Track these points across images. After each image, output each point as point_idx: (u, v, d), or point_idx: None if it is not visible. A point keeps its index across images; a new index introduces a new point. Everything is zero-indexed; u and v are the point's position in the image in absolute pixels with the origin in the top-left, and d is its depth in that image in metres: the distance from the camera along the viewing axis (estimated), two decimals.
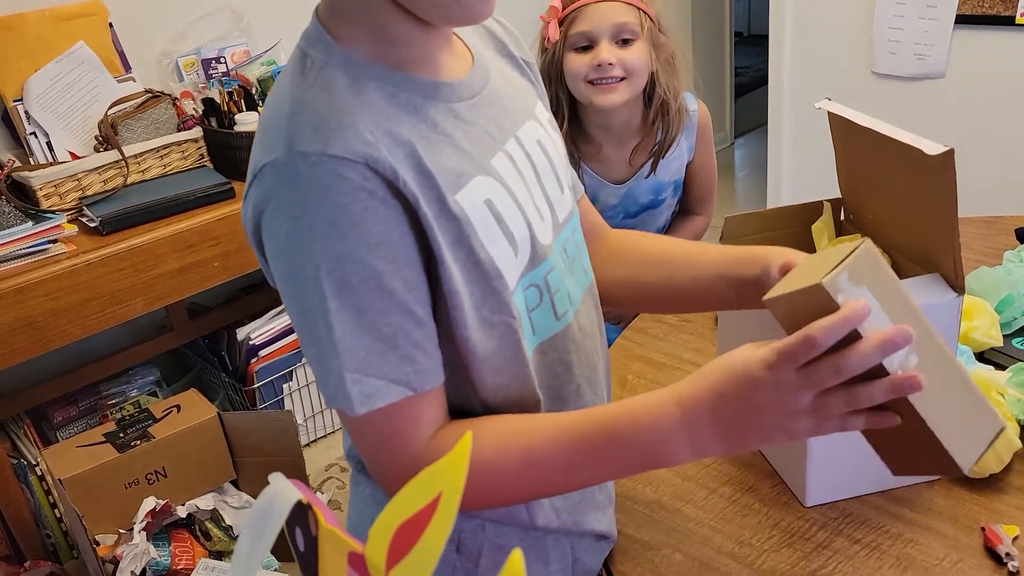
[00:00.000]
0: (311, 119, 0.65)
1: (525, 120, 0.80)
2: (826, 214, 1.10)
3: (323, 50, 0.69)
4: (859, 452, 0.94)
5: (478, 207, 0.71)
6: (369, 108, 0.67)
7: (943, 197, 0.85)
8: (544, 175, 0.80)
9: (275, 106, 0.69)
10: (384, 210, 0.65)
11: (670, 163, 1.52)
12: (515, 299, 0.74)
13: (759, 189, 3.66)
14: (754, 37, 6.45)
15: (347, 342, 0.65)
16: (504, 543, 0.83)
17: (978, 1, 2.50)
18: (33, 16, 1.90)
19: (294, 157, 0.64)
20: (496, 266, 0.71)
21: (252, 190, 0.68)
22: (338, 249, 0.64)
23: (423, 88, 0.71)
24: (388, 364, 0.66)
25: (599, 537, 0.91)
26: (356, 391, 0.65)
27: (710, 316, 1.38)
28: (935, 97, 2.68)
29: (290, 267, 0.66)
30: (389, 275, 0.65)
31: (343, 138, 0.64)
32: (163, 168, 1.97)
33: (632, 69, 1.39)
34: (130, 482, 1.75)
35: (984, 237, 1.52)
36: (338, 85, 0.67)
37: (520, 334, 0.74)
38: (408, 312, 0.67)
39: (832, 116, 1.03)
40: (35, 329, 1.64)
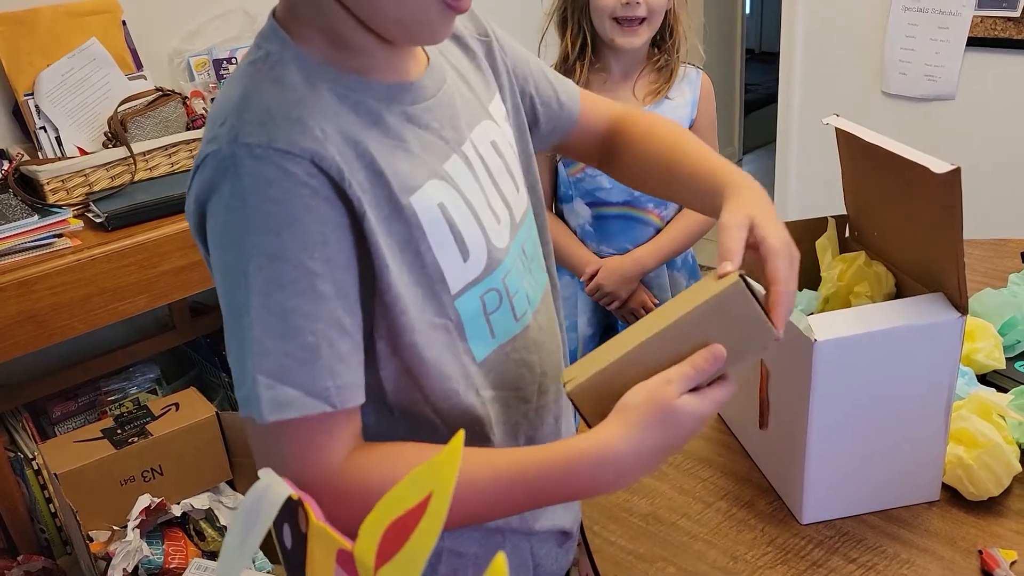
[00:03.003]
0: (259, 112, 0.63)
1: (480, 120, 0.79)
2: (830, 230, 1.10)
3: (278, 44, 0.68)
4: (857, 470, 0.94)
5: (431, 211, 0.70)
6: (320, 105, 0.65)
7: (948, 216, 0.85)
8: (499, 176, 0.79)
9: (225, 96, 0.67)
10: (325, 209, 0.63)
11: (675, 108, 1.59)
12: (461, 304, 0.73)
13: None
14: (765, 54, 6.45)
15: (266, 344, 0.62)
16: (463, 549, 0.81)
17: (990, 24, 2.50)
18: (47, 11, 1.91)
19: (238, 148, 0.62)
20: (440, 269, 0.71)
21: (195, 179, 0.66)
22: (272, 246, 0.62)
23: (377, 91, 0.70)
24: (307, 374, 0.62)
25: (561, 538, 0.91)
26: (268, 396, 0.61)
27: None
28: (945, 118, 2.68)
29: (223, 259, 0.64)
30: (322, 278, 0.63)
31: (290, 133, 0.63)
32: (171, 166, 1.98)
33: (654, 8, 1.50)
34: (126, 479, 1.75)
35: (990, 259, 1.52)
36: (291, 80, 0.66)
37: (458, 338, 0.73)
38: (335, 321, 0.64)
39: (839, 132, 1.03)
40: (38, 322, 1.64)
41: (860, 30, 2.77)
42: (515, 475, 0.67)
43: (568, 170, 1.60)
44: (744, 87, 4.71)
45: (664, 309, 0.75)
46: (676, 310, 0.72)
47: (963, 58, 2.57)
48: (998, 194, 2.59)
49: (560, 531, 0.90)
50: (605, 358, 0.72)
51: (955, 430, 0.95)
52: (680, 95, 1.60)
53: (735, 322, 0.71)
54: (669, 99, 1.59)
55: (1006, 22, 2.47)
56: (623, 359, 0.71)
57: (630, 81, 1.60)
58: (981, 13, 2.50)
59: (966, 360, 1.12)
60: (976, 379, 1.10)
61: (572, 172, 1.60)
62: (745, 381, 1.04)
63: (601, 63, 1.60)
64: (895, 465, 0.94)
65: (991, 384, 1.12)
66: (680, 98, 1.60)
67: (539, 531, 0.87)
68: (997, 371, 1.13)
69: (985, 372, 1.13)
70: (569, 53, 1.58)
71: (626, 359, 0.71)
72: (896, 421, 0.92)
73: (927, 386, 0.91)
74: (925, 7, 2.59)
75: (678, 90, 1.60)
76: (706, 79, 1.64)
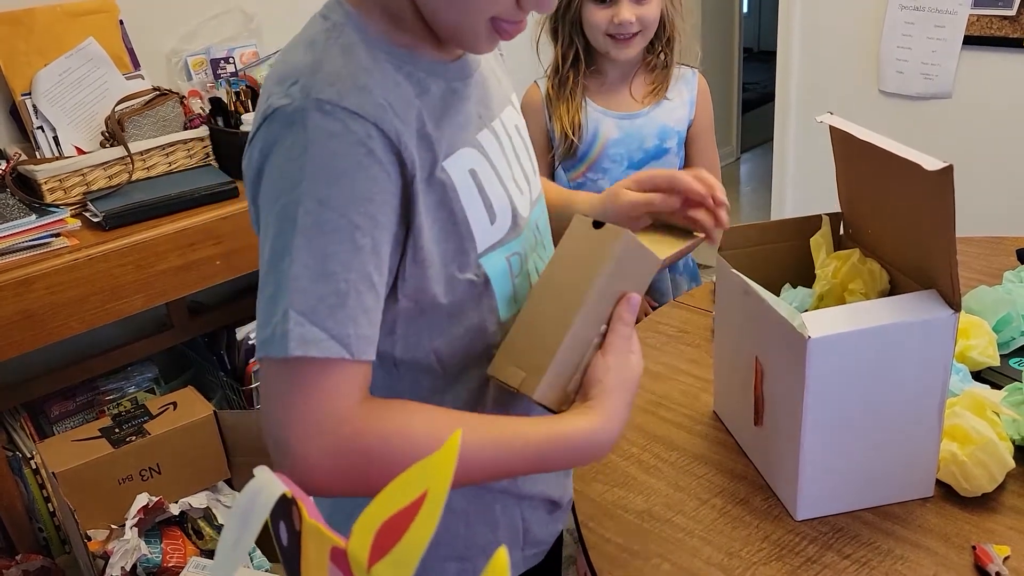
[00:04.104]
0: (329, 74, 0.68)
1: (505, 105, 0.87)
2: (824, 227, 1.10)
3: (343, 16, 0.73)
4: (851, 467, 0.94)
5: (463, 174, 0.76)
6: (382, 75, 0.71)
7: (941, 213, 0.85)
8: (521, 155, 0.86)
9: (293, 59, 0.71)
10: (377, 170, 0.68)
11: (673, 108, 1.60)
12: (487, 261, 0.78)
13: (763, 204, 3.66)
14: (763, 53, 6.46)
15: (302, 283, 0.65)
16: (452, 505, 0.83)
17: (986, 22, 2.50)
18: (44, 11, 1.91)
19: (308, 103, 0.66)
20: (469, 227, 0.76)
21: (260, 132, 0.69)
22: (322, 193, 0.66)
23: (423, 65, 0.75)
24: (335, 319, 0.65)
25: (551, 506, 0.93)
26: (296, 332, 0.64)
27: (707, 327, 1.38)
28: (941, 117, 2.68)
29: (275, 203, 0.67)
30: (362, 231, 0.67)
31: (358, 96, 0.67)
32: (168, 166, 1.98)
33: (648, 23, 1.51)
34: (124, 478, 1.75)
35: (985, 257, 1.52)
36: (357, 49, 0.71)
37: (484, 293, 0.79)
38: (366, 275, 0.67)
39: (833, 130, 1.03)
40: (35, 322, 1.64)
41: (857, 29, 2.78)
42: (517, 446, 0.72)
43: (569, 174, 1.61)
44: (742, 86, 4.71)
45: (556, 274, 0.79)
46: (576, 275, 0.77)
47: (959, 56, 2.58)
48: (994, 192, 2.59)
49: (549, 499, 0.93)
50: (540, 346, 0.76)
51: (949, 427, 0.96)
52: (677, 96, 1.61)
53: (633, 267, 0.78)
54: (668, 99, 1.60)
55: (1002, 21, 2.48)
56: (566, 346, 0.75)
57: (626, 83, 1.61)
58: (977, 12, 2.50)
59: (960, 357, 1.12)
60: (970, 376, 1.11)
61: (573, 176, 1.60)
62: (740, 378, 1.04)
63: (597, 67, 1.60)
64: (889, 461, 0.95)
65: (985, 381, 1.12)
66: (678, 99, 1.61)
67: (528, 495, 0.90)
68: (991, 368, 1.14)
69: (979, 369, 1.14)
70: (560, 65, 1.59)
71: (567, 345, 0.75)
72: (890, 418, 0.92)
73: (921, 383, 0.91)
74: (921, 6, 2.60)
75: (675, 90, 1.61)
76: (702, 79, 1.65)
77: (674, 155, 1.62)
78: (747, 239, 1.09)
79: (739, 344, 1.04)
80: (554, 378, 0.75)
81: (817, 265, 1.10)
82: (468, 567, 0.88)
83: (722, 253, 1.06)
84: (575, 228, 0.80)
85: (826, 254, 1.09)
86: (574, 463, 0.75)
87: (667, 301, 1.61)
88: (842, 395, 0.90)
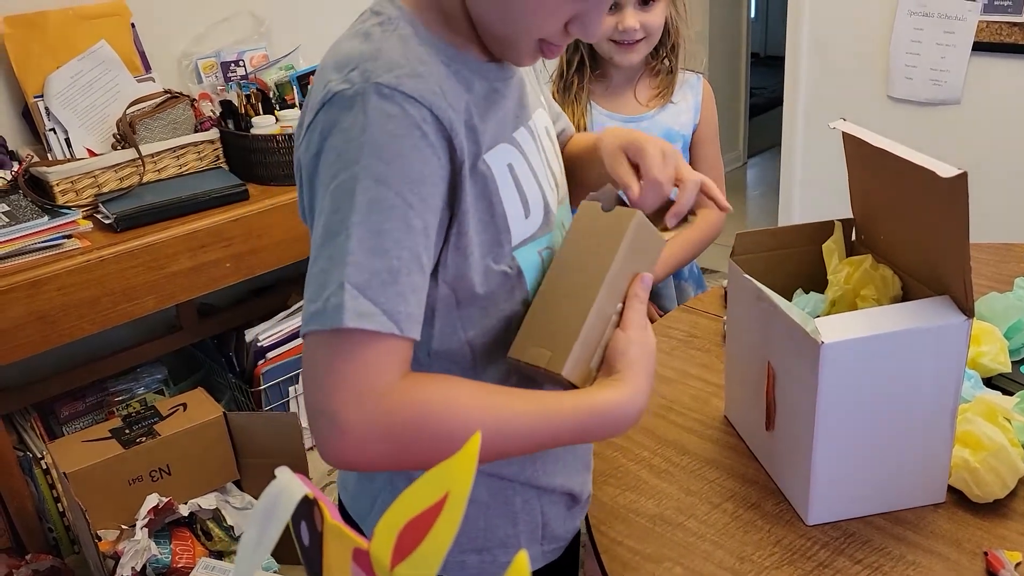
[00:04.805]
0: (388, 60, 0.71)
1: (537, 107, 0.90)
2: (837, 233, 1.11)
3: (396, 10, 0.76)
4: (863, 472, 0.94)
5: (502, 168, 0.79)
6: (436, 65, 0.74)
7: (955, 220, 0.85)
8: (550, 155, 0.90)
9: (347, 48, 0.74)
10: (430, 154, 0.70)
11: (678, 113, 1.61)
12: (520, 254, 0.81)
13: (771, 209, 3.66)
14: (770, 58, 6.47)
15: (359, 257, 0.67)
16: (473, 496, 0.84)
17: (995, 29, 2.50)
18: (56, 14, 1.93)
19: (368, 86, 0.69)
20: (506, 220, 0.79)
21: (319, 116, 0.71)
22: (381, 172, 0.68)
23: (469, 64, 0.78)
24: (386, 295, 0.67)
25: (570, 501, 0.94)
26: (351, 305, 0.65)
27: (717, 332, 1.38)
28: (950, 123, 2.68)
29: (334, 180, 0.69)
30: (415, 211, 0.69)
31: (415, 82, 0.70)
32: (179, 168, 1.99)
33: (652, 29, 1.51)
34: (134, 478, 1.76)
35: (996, 263, 1.52)
36: (411, 42, 0.74)
37: (516, 285, 0.82)
38: (416, 255, 0.69)
39: (846, 136, 1.03)
40: (47, 323, 1.65)
41: (865, 34, 2.78)
42: (555, 418, 0.74)
43: None
44: (749, 91, 4.71)
45: (571, 256, 0.82)
46: (593, 256, 0.80)
47: (969, 62, 2.58)
48: (1004, 198, 2.59)
49: (569, 493, 0.94)
50: (563, 326, 0.78)
51: (961, 433, 0.96)
52: (683, 100, 1.61)
53: (644, 247, 0.82)
54: (672, 103, 1.60)
55: (1011, 27, 2.48)
56: (589, 323, 0.78)
57: (631, 86, 1.61)
58: (986, 18, 2.50)
59: (972, 363, 1.12)
60: (982, 382, 1.11)
61: None
62: (752, 383, 1.04)
63: (601, 71, 1.61)
64: (901, 467, 0.95)
65: (997, 387, 1.12)
66: (683, 103, 1.61)
67: (547, 488, 0.91)
68: (1003, 374, 1.14)
69: (991, 375, 1.14)
70: (565, 69, 1.60)
71: (591, 322, 0.78)
72: (902, 423, 0.92)
73: (933, 389, 0.91)
74: (931, 11, 2.60)
75: (680, 95, 1.61)
76: (707, 85, 1.65)
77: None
78: (759, 244, 1.10)
79: (751, 349, 1.04)
80: (580, 355, 0.78)
81: (829, 271, 1.10)
82: (488, 559, 0.89)
83: (734, 258, 1.06)
84: (584, 212, 0.83)
85: (838, 260, 1.10)
86: (608, 434, 0.78)
87: (673, 308, 1.61)
88: (854, 400, 0.90)
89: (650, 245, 0.83)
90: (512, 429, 0.72)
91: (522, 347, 0.80)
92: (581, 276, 0.80)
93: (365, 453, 0.67)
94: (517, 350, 0.80)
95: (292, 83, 2.19)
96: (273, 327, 2.25)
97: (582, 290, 0.79)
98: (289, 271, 2.15)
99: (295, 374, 2.27)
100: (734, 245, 1.07)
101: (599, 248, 0.80)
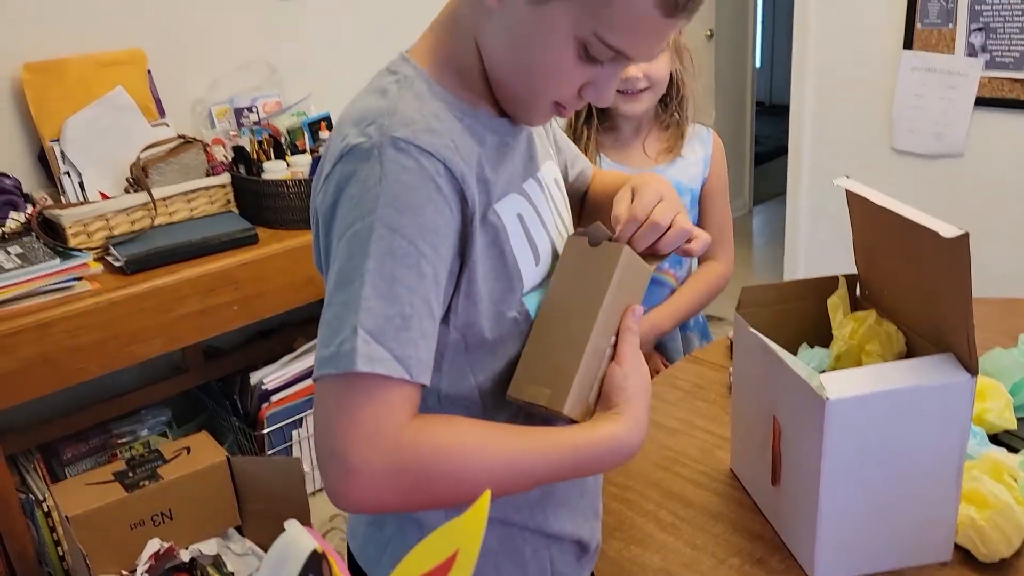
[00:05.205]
0: (404, 116, 0.74)
1: (546, 159, 0.94)
2: (841, 289, 1.12)
3: (412, 70, 0.80)
4: (868, 529, 0.94)
5: (512, 218, 0.82)
6: (450, 121, 0.77)
7: (958, 279, 0.86)
8: (559, 204, 0.93)
9: (365, 104, 0.77)
10: (443, 206, 0.73)
11: (687, 166, 1.61)
12: (528, 300, 0.83)
13: (776, 257, 3.68)
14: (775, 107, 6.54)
15: (372, 303, 0.69)
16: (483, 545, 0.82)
17: (998, 84, 2.54)
18: (75, 61, 1.97)
19: (385, 140, 0.72)
20: (519, 269, 0.82)
21: (337, 168, 0.74)
22: (395, 221, 0.70)
23: (482, 120, 0.82)
24: (398, 341, 0.69)
25: (579, 551, 0.95)
26: (364, 350, 0.67)
27: (723, 383, 1.39)
28: (953, 176, 2.71)
29: (349, 228, 0.72)
30: (427, 260, 0.71)
31: (430, 137, 0.73)
32: (190, 211, 2.01)
33: (656, 79, 1.52)
34: (136, 523, 1.75)
35: (1000, 318, 1.53)
36: (426, 98, 0.78)
37: (524, 327, 0.84)
38: (427, 302, 0.72)
39: (850, 194, 1.05)
40: (53, 365, 1.66)
41: (869, 87, 2.82)
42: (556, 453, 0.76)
43: None
44: (754, 139, 4.76)
45: (562, 293, 0.84)
46: (584, 291, 0.82)
47: (971, 117, 2.61)
48: (1008, 252, 2.60)
49: (578, 541, 0.94)
50: (560, 363, 0.80)
51: (967, 490, 0.96)
52: (692, 153, 1.62)
53: (633, 280, 0.84)
54: (681, 157, 1.61)
55: (1013, 83, 2.51)
56: (586, 359, 0.79)
57: (640, 139, 1.63)
58: (989, 74, 2.54)
59: (977, 420, 1.12)
60: (987, 439, 1.10)
61: None
62: (758, 437, 1.05)
63: (610, 122, 1.63)
64: (907, 524, 0.94)
65: (1002, 444, 1.12)
66: (692, 156, 1.62)
67: (557, 535, 0.91)
68: (1008, 431, 1.14)
69: (996, 432, 1.14)
70: (573, 121, 1.61)
71: (587, 358, 0.80)
72: (908, 480, 0.92)
73: (938, 446, 0.91)
74: (933, 67, 2.64)
75: (689, 148, 1.62)
76: (717, 138, 1.66)
77: (687, 212, 1.62)
78: (765, 298, 1.10)
79: (756, 402, 1.05)
80: (579, 391, 0.79)
81: (834, 326, 1.10)
82: None
83: (740, 312, 1.07)
84: (571, 248, 0.86)
85: (843, 315, 1.10)
86: (610, 466, 0.80)
87: (679, 358, 1.61)
88: (860, 457, 0.90)
89: (638, 277, 0.86)
90: (517, 467, 0.74)
91: (520, 386, 0.81)
92: (574, 312, 0.82)
93: (374, 494, 0.69)
94: (516, 389, 0.82)
95: (303, 129, 2.23)
96: (278, 370, 2.26)
97: (576, 326, 0.81)
98: (295, 315, 2.16)
99: (299, 418, 2.27)
100: (739, 298, 1.08)
101: (590, 284, 0.82)
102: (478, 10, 0.78)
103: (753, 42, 4.63)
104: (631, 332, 0.84)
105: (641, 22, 0.72)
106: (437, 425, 0.73)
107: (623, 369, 0.82)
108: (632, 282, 0.84)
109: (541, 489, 0.90)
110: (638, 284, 0.86)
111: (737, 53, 4.49)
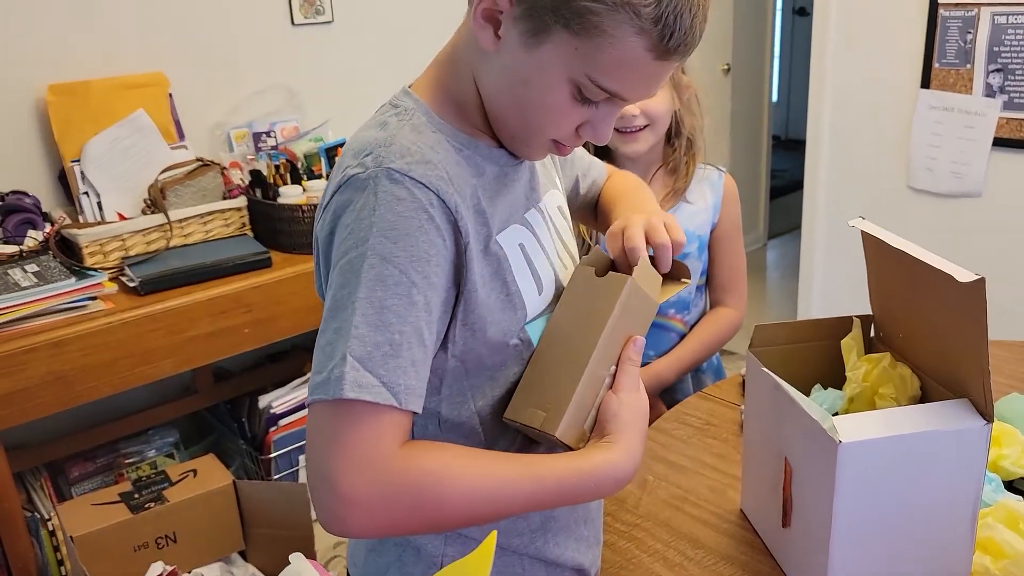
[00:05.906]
0: (400, 148, 0.75)
1: (549, 188, 0.94)
2: (855, 330, 1.11)
3: (412, 102, 0.82)
4: (878, 568, 0.92)
5: (514, 248, 0.83)
6: (446, 153, 0.78)
7: (973, 324, 0.85)
8: (563, 232, 0.94)
9: (365, 136, 0.79)
10: (435, 236, 0.74)
11: (695, 213, 1.56)
12: (531, 327, 0.84)
13: (791, 291, 3.66)
14: (791, 141, 6.55)
15: (362, 331, 0.70)
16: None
17: (1016, 125, 2.53)
18: (98, 83, 2.00)
19: (380, 171, 0.73)
20: (522, 298, 0.83)
21: (335, 198, 0.76)
22: (386, 250, 0.71)
23: (481, 151, 0.83)
24: (387, 368, 0.70)
25: (578, 574, 0.94)
26: (351, 376, 0.68)
27: (735, 421, 1.37)
28: (971, 215, 2.69)
29: (344, 256, 0.73)
30: (418, 288, 0.72)
31: (424, 168, 0.74)
32: (205, 233, 2.02)
33: (655, 116, 1.48)
34: (140, 545, 1.74)
35: (1017, 362, 1.51)
36: (424, 130, 0.79)
37: (524, 352, 0.84)
38: (417, 330, 0.72)
39: (865, 235, 1.04)
40: (65, 383, 1.67)
41: (886, 124, 2.81)
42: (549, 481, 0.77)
43: None
44: (770, 173, 4.76)
45: (565, 320, 0.85)
46: (586, 320, 0.83)
47: (989, 156, 2.60)
48: None
49: (579, 568, 0.94)
50: (557, 388, 0.81)
51: (982, 539, 0.94)
52: (701, 199, 1.56)
53: (636, 311, 0.85)
54: (688, 203, 1.55)
55: None
56: (583, 386, 0.80)
57: (645, 180, 1.59)
58: (1007, 115, 2.53)
59: (992, 466, 1.10)
60: (1003, 486, 1.09)
61: None
62: (769, 478, 1.03)
63: (615, 164, 1.59)
64: (920, 572, 0.93)
65: (1018, 491, 1.10)
66: (701, 202, 1.56)
67: (557, 562, 0.91)
68: None
69: (1012, 479, 1.12)
70: None
71: (584, 384, 0.80)
72: (921, 527, 0.91)
73: (953, 493, 0.90)
74: (951, 107, 2.64)
75: (698, 192, 1.56)
76: (730, 181, 1.60)
77: (695, 259, 1.57)
78: (778, 337, 1.09)
79: (768, 443, 1.03)
80: (573, 416, 0.80)
81: (848, 367, 1.09)
82: None
83: (753, 350, 1.06)
84: (578, 276, 0.87)
85: (857, 357, 1.09)
86: (600, 495, 0.81)
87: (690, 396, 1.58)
88: (872, 501, 0.89)
89: (642, 309, 0.86)
90: (506, 492, 0.75)
91: (517, 408, 0.82)
92: (575, 339, 0.82)
93: (363, 519, 0.69)
94: (512, 411, 0.82)
95: (320, 155, 2.24)
96: (287, 394, 2.25)
97: (576, 353, 0.81)
98: (306, 338, 2.16)
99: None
100: (752, 337, 1.07)
101: (593, 312, 0.83)
102: (475, 50, 0.79)
103: (770, 76, 4.64)
104: (631, 362, 0.84)
105: (633, 65, 0.73)
106: (426, 451, 0.74)
107: (619, 397, 0.82)
108: (635, 313, 0.85)
109: (542, 515, 0.90)
110: (642, 315, 0.86)
111: (754, 87, 4.50)
